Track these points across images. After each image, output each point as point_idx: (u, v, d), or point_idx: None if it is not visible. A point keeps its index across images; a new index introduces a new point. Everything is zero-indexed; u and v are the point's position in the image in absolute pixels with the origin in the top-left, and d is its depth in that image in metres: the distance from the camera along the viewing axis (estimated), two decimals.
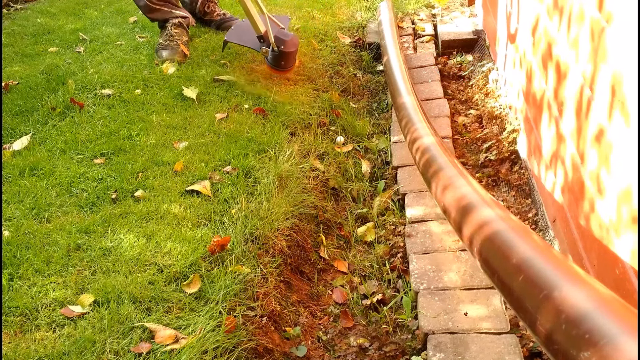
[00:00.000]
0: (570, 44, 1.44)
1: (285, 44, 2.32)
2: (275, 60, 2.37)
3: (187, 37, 2.76)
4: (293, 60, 2.41)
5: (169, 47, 2.63)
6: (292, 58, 2.40)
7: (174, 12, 2.71)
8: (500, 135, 2.13)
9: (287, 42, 2.32)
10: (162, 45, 2.66)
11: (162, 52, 2.63)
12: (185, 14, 2.77)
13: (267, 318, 1.44)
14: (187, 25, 2.77)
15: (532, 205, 1.86)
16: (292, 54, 2.37)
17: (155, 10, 2.66)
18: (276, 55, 2.34)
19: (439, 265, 1.65)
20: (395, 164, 2.16)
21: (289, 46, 2.33)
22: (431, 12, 3.30)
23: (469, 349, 1.38)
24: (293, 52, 2.37)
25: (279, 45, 2.32)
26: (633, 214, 1.07)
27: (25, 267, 1.46)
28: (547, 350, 0.79)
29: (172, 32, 2.67)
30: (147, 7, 2.64)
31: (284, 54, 2.34)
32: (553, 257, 0.89)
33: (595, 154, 1.26)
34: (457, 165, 1.48)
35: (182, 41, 2.67)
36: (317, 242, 1.86)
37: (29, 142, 2.01)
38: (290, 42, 2.33)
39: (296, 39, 2.39)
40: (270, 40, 2.31)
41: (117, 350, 1.24)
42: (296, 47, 2.38)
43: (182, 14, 2.74)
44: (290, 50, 2.34)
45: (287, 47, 2.33)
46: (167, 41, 2.65)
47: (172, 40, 2.65)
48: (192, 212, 1.68)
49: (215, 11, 2.98)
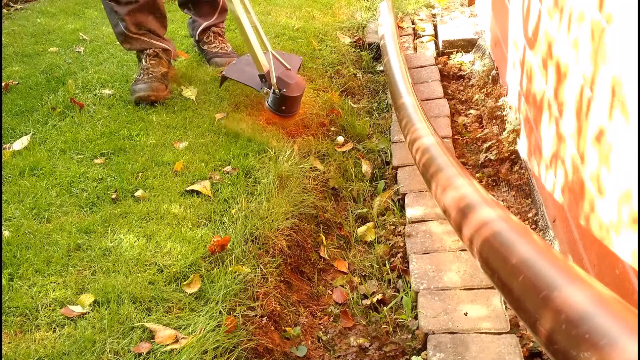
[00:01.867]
0: (571, 44, 1.45)
1: (288, 88, 2.08)
2: (275, 103, 2.11)
3: (167, 69, 2.38)
4: (296, 105, 2.17)
5: (141, 82, 2.28)
6: (295, 103, 2.15)
7: (152, 42, 2.34)
8: (500, 135, 2.13)
9: (291, 86, 2.08)
10: (136, 81, 2.31)
11: (135, 87, 2.27)
12: (167, 46, 2.40)
13: (267, 318, 1.45)
14: (167, 57, 2.42)
15: (532, 205, 1.86)
16: (295, 99, 2.13)
17: (133, 39, 2.30)
18: (277, 98, 2.10)
19: (439, 265, 1.65)
20: (395, 164, 2.16)
21: (292, 90, 2.08)
22: (431, 12, 3.30)
23: (469, 349, 1.38)
24: (296, 97, 2.12)
25: (281, 87, 2.07)
26: (633, 214, 1.07)
27: (25, 267, 1.46)
28: (547, 350, 0.79)
29: (147, 64, 2.33)
30: (124, 36, 2.28)
31: (286, 98, 2.09)
32: (553, 257, 0.89)
33: (596, 154, 1.26)
34: (457, 166, 1.48)
35: (159, 74, 2.31)
36: (317, 242, 1.86)
37: (29, 142, 2.01)
38: (294, 85, 2.09)
39: (302, 82, 2.16)
40: (271, 82, 2.07)
41: (117, 350, 1.24)
42: (301, 91, 2.13)
43: (162, 45, 2.38)
44: (292, 95, 2.10)
45: (290, 91, 2.08)
46: (141, 75, 2.31)
47: (147, 74, 2.30)
48: (192, 212, 1.68)
49: (213, 43, 2.66)
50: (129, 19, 2.24)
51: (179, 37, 2.92)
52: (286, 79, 2.08)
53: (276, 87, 2.06)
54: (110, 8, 2.22)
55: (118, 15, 2.22)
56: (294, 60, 2.35)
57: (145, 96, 2.24)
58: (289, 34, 2.94)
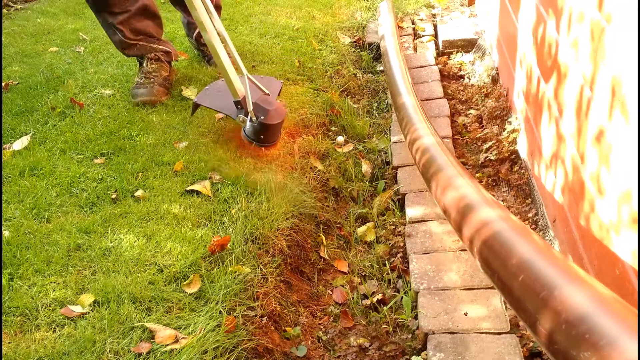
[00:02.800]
0: (570, 44, 1.44)
1: (267, 115, 1.89)
2: (253, 132, 1.93)
3: (168, 72, 2.39)
4: (276, 134, 1.98)
5: (142, 86, 2.29)
6: (275, 132, 1.96)
7: (152, 46, 2.35)
8: (500, 135, 2.13)
9: (270, 112, 1.89)
10: (137, 85, 2.32)
11: (136, 91, 2.29)
12: (167, 48, 2.42)
13: (267, 318, 1.45)
14: (169, 59, 2.42)
15: (532, 205, 1.86)
16: (275, 127, 1.93)
17: (132, 45, 2.31)
18: (255, 126, 1.91)
19: (439, 265, 1.65)
20: (395, 164, 2.16)
21: (271, 117, 1.90)
22: (431, 12, 3.30)
23: (469, 349, 1.38)
24: (276, 125, 1.93)
25: (259, 115, 1.89)
26: (633, 214, 1.07)
27: (25, 267, 1.46)
28: (547, 350, 0.79)
29: (149, 68, 2.34)
30: (123, 43, 2.29)
31: (264, 126, 1.90)
32: (553, 257, 0.89)
33: (596, 154, 1.26)
34: (457, 166, 1.48)
35: (160, 78, 2.33)
36: (317, 242, 1.86)
37: (29, 142, 2.01)
38: (273, 112, 1.90)
39: (282, 109, 1.97)
40: (248, 108, 1.89)
41: (117, 350, 1.25)
42: (282, 118, 1.94)
43: (162, 48, 2.39)
44: (271, 123, 1.90)
45: (269, 118, 1.89)
46: (143, 79, 2.32)
47: (149, 78, 2.31)
48: (192, 212, 1.68)
49: None
50: (125, 27, 2.25)
51: (179, 36, 2.92)
52: (264, 105, 1.90)
53: (253, 115, 1.89)
54: (104, 20, 2.23)
55: (114, 25, 2.23)
56: (274, 84, 2.16)
57: (147, 101, 2.26)
58: (289, 34, 2.94)
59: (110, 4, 2.19)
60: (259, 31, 2.98)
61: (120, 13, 2.22)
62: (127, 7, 2.24)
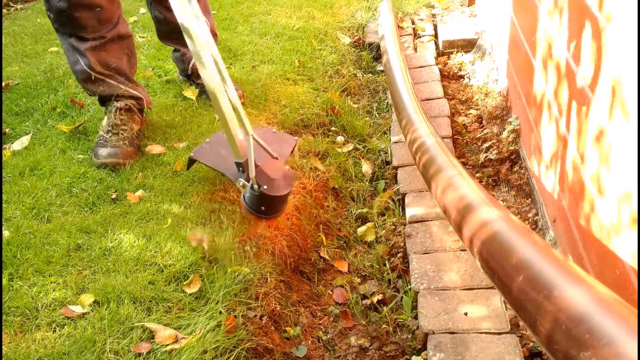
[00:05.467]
0: (570, 44, 1.44)
1: (271, 185, 1.55)
2: (253, 201, 1.57)
3: (139, 125, 1.99)
4: (280, 205, 1.64)
5: (109, 144, 1.87)
6: (279, 204, 1.62)
7: (122, 87, 1.94)
8: (500, 135, 2.13)
9: (274, 183, 1.55)
10: (101, 141, 1.89)
11: (100, 151, 1.86)
12: (139, 94, 1.99)
13: (267, 318, 1.45)
14: (140, 107, 2.01)
15: (532, 205, 1.86)
16: (279, 200, 1.60)
17: (97, 81, 1.90)
18: (255, 195, 1.55)
19: (439, 265, 1.65)
20: (395, 164, 2.16)
21: (274, 188, 1.55)
22: (431, 12, 3.30)
23: (469, 348, 1.38)
24: (280, 197, 1.59)
25: (262, 183, 1.54)
26: (633, 215, 1.07)
27: (25, 267, 1.46)
28: (547, 350, 0.79)
29: (117, 119, 1.92)
30: (85, 75, 1.88)
31: (266, 197, 1.55)
32: (553, 257, 0.89)
33: (596, 154, 1.26)
34: (457, 166, 1.48)
35: (130, 133, 1.91)
36: (317, 242, 1.86)
37: (29, 142, 2.01)
38: (278, 182, 1.56)
39: (291, 177, 1.63)
40: (250, 174, 1.54)
41: (117, 350, 1.25)
42: (288, 190, 1.60)
43: (133, 94, 1.97)
44: (275, 195, 1.56)
45: (272, 189, 1.55)
46: (109, 134, 1.89)
47: (116, 133, 1.89)
48: (192, 212, 1.68)
49: None
50: (93, 56, 1.87)
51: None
52: (269, 173, 1.56)
53: (255, 182, 1.54)
54: (70, 45, 1.86)
55: (79, 52, 1.86)
56: (286, 144, 1.83)
57: (113, 163, 1.84)
58: (289, 34, 2.94)
59: (81, 26, 1.81)
60: (259, 31, 2.98)
61: (91, 39, 1.85)
62: (102, 33, 1.85)
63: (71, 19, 1.79)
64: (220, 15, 3.22)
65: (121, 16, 1.92)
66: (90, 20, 1.80)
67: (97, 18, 1.81)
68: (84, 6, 1.77)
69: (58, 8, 1.76)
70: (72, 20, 1.79)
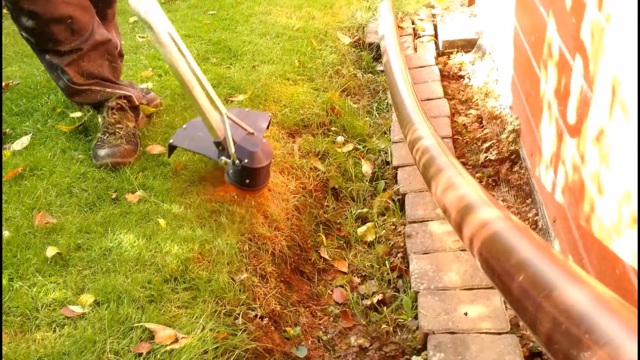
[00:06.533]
0: (570, 44, 1.44)
1: (251, 158, 1.67)
2: (237, 176, 1.71)
3: (134, 122, 1.99)
4: (263, 177, 1.76)
5: (107, 144, 1.87)
6: (261, 175, 1.74)
7: (108, 91, 1.93)
8: (500, 135, 2.13)
9: (254, 155, 1.68)
10: (99, 142, 1.90)
11: (98, 152, 1.87)
12: (128, 92, 1.98)
13: (267, 318, 1.44)
14: (132, 105, 2.01)
15: (532, 205, 1.86)
16: (261, 171, 1.72)
17: (82, 92, 1.90)
18: (238, 170, 1.69)
19: (439, 265, 1.65)
20: (395, 164, 2.16)
21: (255, 161, 1.68)
22: (431, 12, 3.30)
23: (469, 348, 1.38)
24: (262, 169, 1.72)
25: (242, 157, 1.67)
26: (633, 214, 1.07)
27: (25, 267, 1.46)
28: (547, 350, 0.79)
29: (110, 119, 1.92)
30: (70, 90, 1.88)
31: (249, 170, 1.69)
32: (553, 257, 0.89)
33: (596, 154, 1.26)
34: (457, 166, 1.48)
35: (126, 132, 1.92)
36: (317, 242, 1.86)
37: (29, 142, 2.01)
38: (258, 154, 1.68)
39: (269, 149, 1.75)
40: (230, 151, 1.66)
41: (117, 350, 1.24)
42: (268, 160, 1.73)
43: (122, 93, 1.97)
44: (256, 167, 1.69)
45: (253, 161, 1.67)
46: (106, 135, 1.90)
47: (113, 133, 1.90)
48: (192, 211, 1.68)
49: None
50: (73, 70, 1.85)
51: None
52: (248, 147, 1.68)
53: (235, 157, 1.67)
54: (48, 63, 1.85)
55: (58, 69, 1.84)
56: (260, 119, 1.93)
57: (113, 163, 1.85)
58: (289, 34, 2.94)
59: (57, 40, 1.77)
60: (259, 31, 2.98)
61: (68, 53, 1.81)
62: (78, 45, 1.82)
63: (44, 34, 1.76)
64: (220, 15, 3.22)
65: (96, 22, 1.88)
66: (62, 33, 1.77)
67: (70, 29, 1.77)
68: (54, 20, 1.73)
69: (27, 27, 1.74)
70: (44, 35, 1.76)
